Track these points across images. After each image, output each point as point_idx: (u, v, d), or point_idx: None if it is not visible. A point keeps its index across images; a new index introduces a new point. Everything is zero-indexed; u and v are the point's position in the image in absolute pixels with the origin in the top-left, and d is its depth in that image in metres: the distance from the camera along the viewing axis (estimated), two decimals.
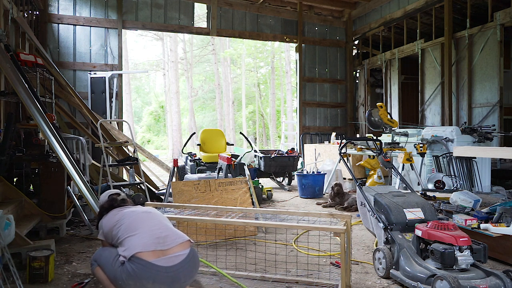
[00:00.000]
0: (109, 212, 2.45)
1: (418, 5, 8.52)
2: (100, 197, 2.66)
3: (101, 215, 2.48)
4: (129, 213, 2.37)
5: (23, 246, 3.07)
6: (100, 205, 2.57)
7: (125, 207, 2.49)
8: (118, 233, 2.25)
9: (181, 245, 2.22)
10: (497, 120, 7.03)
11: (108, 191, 2.69)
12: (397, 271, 2.75)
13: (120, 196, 2.60)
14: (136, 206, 2.52)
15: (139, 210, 2.42)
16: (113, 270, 2.15)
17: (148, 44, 33.03)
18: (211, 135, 7.86)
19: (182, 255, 2.18)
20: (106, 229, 2.35)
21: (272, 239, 3.83)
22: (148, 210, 2.43)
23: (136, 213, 2.37)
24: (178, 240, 2.23)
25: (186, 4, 9.01)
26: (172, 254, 2.16)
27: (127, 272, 2.07)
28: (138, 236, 2.18)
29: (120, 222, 2.29)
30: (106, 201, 2.55)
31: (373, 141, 4.46)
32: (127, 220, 2.30)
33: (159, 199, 5.78)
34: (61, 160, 3.60)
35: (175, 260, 2.14)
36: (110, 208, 2.49)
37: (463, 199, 4.06)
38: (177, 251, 2.18)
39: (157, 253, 2.12)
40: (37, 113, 3.72)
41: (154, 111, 29.70)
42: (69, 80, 7.41)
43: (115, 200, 2.54)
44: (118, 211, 2.43)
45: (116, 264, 2.14)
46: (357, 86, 11.16)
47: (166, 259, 2.12)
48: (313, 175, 6.66)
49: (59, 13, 7.97)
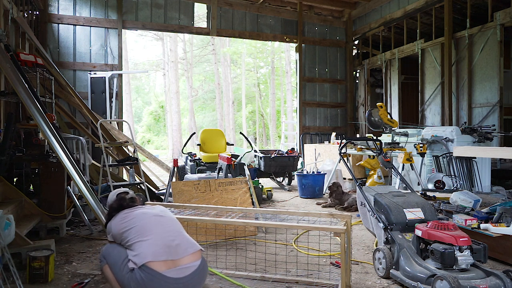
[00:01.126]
0: (118, 213, 2.37)
1: (418, 5, 8.52)
2: (108, 197, 2.57)
3: (110, 215, 2.40)
4: (140, 215, 2.30)
5: (23, 246, 3.07)
6: (109, 205, 2.49)
7: (135, 208, 2.40)
8: (129, 236, 2.18)
9: (192, 256, 2.18)
10: (497, 120, 7.03)
11: (116, 190, 2.61)
12: (397, 271, 2.75)
13: (128, 195, 2.52)
14: (147, 207, 2.43)
15: (151, 212, 2.34)
16: (121, 274, 2.12)
17: (148, 44, 33.08)
18: (211, 135, 7.87)
19: (193, 266, 2.14)
20: (116, 231, 2.28)
21: (272, 239, 3.83)
22: (160, 214, 2.34)
23: (148, 216, 2.29)
24: (190, 250, 2.18)
25: (186, 4, 9.01)
26: (182, 265, 2.11)
27: (136, 280, 2.04)
28: (149, 242, 2.12)
29: (131, 225, 2.23)
30: (114, 201, 2.47)
31: (373, 141, 4.46)
32: (138, 222, 2.23)
33: (159, 199, 5.78)
34: (61, 160, 3.60)
35: (185, 272, 2.10)
36: (120, 208, 2.41)
37: (463, 199, 4.06)
38: (188, 262, 2.14)
39: (168, 264, 2.08)
40: (37, 113, 3.71)
41: (154, 111, 29.71)
42: (69, 80, 7.41)
43: (124, 199, 2.47)
44: (128, 212, 2.35)
45: (125, 270, 2.10)
46: (357, 86, 11.16)
47: (177, 271, 2.08)
48: (313, 175, 6.66)
49: (59, 13, 7.97)
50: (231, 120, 24.57)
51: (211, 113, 28.97)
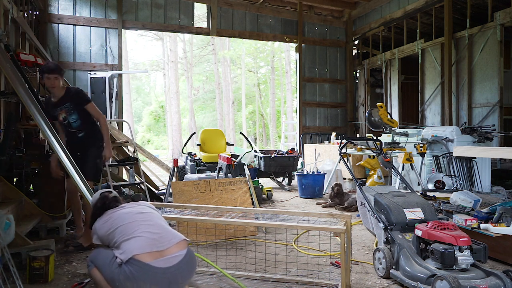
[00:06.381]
0: (102, 213, 2.40)
1: (418, 5, 8.51)
2: (92, 198, 2.61)
3: (95, 216, 2.44)
4: (123, 215, 2.33)
5: (23, 246, 3.07)
6: (93, 205, 2.53)
7: (118, 208, 2.42)
8: (115, 237, 2.22)
9: (177, 245, 2.20)
10: (497, 120, 7.03)
11: (99, 190, 2.64)
12: (397, 271, 2.75)
13: (111, 194, 2.55)
14: (130, 205, 2.46)
15: (133, 211, 2.37)
16: (110, 271, 2.13)
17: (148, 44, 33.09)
18: (211, 135, 7.87)
19: (179, 255, 2.17)
20: (101, 233, 2.31)
21: (272, 239, 3.83)
22: (142, 210, 2.39)
23: (131, 215, 2.32)
24: (174, 240, 2.21)
25: (186, 4, 9.01)
26: (169, 255, 2.14)
27: (124, 274, 2.06)
28: (134, 239, 2.15)
29: (115, 225, 2.26)
30: (98, 200, 2.51)
31: (373, 141, 4.46)
32: (122, 222, 2.26)
33: (159, 199, 5.78)
34: (61, 160, 3.59)
35: (172, 261, 2.13)
36: (103, 207, 2.44)
37: (463, 199, 4.06)
38: (174, 252, 2.17)
39: (155, 255, 2.11)
40: (37, 113, 3.71)
41: (154, 111, 29.72)
42: (69, 80, 7.41)
43: (107, 198, 2.50)
44: (112, 213, 2.37)
45: (114, 266, 2.12)
46: (357, 86, 11.16)
47: (164, 260, 2.11)
48: (313, 175, 6.66)
49: (59, 13, 7.97)
50: (231, 120, 24.57)
51: (211, 113, 28.97)
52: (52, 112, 3.80)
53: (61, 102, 3.78)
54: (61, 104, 3.78)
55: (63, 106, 3.77)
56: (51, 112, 3.80)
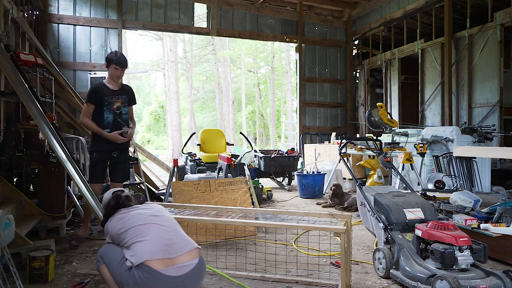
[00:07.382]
0: (115, 213, 2.37)
1: (418, 5, 8.51)
2: (103, 197, 2.58)
3: (108, 215, 2.40)
4: (136, 216, 2.29)
5: (23, 246, 3.07)
6: (105, 204, 2.48)
7: (131, 209, 2.39)
8: (126, 237, 2.18)
9: (189, 254, 2.17)
10: (497, 120, 7.03)
11: (110, 189, 2.61)
12: (397, 271, 2.75)
13: (124, 193, 2.52)
14: (143, 206, 2.43)
15: (147, 213, 2.33)
16: (119, 273, 2.11)
17: (148, 44, 33.13)
18: (211, 135, 7.86)
19: (190, 265, 2.14)
20: (113, 233, 2.28)
21: (272, 239, 3.83)
22: (156, 213, 2.34)
23: (144, 217, 2.28)
24: (186, 248, 2.18)
25: (186, 4, 9.01)
26: (180, 263, 2.11)
27: (134, 278, 2.04)
28: (146, 242, 2.12)
29: (127, 226, 2.22)
30: (111, 198, 2.47)
31: (373, 141, 4.46)
32: (134, 223, 2.23)
33: (159, 199, 5.78)
34: (61, 160, 3.60)
35: (183, 270, 2.10)
36: (116, 205, 2.41)
37: (463, 199, 4.06)
38: (186, 261, 2.13)
39: (166, 262, 2.07)
40: (37, 113, 3.71)
41: (154, 111, 29.72)
42: (69, 80, 7.40)
43: (120, 197, 2.46)
44: (125, 213, 2.34)
45: (123, 268, 2.10)
46: (357, 86, 11.16)
47: (175, 269, 2.08)
48: (313, 175, 6.66)
49: (59, 13, 7.97)
50: (231, 120, 24.57)
51: (211, 113, 28.97)
52: (108, 98, 3.90)
53: (120, 92, 4.00)
54: (119, 94, 3.99)
55: (120, 96, 3.99)
56: (103, 97, 3.88)
